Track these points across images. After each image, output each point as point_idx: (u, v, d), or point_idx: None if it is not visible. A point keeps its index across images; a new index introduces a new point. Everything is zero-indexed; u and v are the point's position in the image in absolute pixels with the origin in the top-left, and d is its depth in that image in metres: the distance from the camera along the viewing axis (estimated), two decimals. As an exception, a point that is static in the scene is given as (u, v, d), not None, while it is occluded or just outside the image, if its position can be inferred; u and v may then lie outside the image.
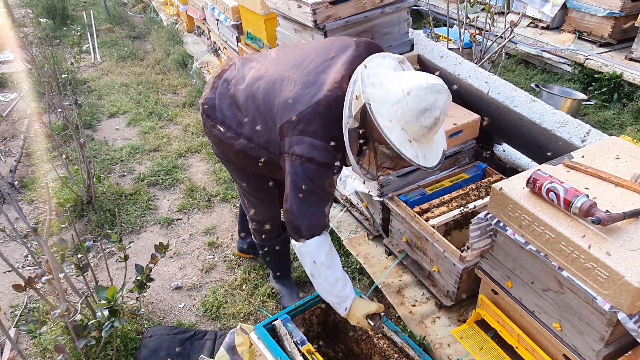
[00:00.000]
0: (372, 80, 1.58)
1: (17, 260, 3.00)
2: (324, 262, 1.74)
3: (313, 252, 1.73)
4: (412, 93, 1.52)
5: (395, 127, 1.55)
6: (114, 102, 4.97)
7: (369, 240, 2.82)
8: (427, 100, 1.52)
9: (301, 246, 1.75)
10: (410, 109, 1.52)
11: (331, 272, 1.76)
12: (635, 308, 1.39)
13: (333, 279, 1.78)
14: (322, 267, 1.75)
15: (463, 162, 2.74)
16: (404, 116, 1.54)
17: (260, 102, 1.79)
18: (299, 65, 1.78)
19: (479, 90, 2.72)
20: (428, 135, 1.60)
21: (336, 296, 1.80)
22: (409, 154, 1.58)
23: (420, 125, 1.54)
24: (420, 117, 1.53)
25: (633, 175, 1.69)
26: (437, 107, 1.53)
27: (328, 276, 1.77)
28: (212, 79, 2.00)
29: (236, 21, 4.34)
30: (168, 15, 7.17)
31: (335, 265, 1.78)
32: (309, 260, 1.75)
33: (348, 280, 1.83)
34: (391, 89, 1.57)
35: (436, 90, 1.53)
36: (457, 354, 2.11)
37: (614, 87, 4.34)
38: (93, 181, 3.30)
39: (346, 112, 1.62)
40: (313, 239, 1.72)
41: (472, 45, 4.04)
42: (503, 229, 1.76)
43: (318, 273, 1.77)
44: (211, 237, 3.11)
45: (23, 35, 4.63)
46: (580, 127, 2.29)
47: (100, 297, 1.90)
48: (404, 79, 1.58)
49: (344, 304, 1.81)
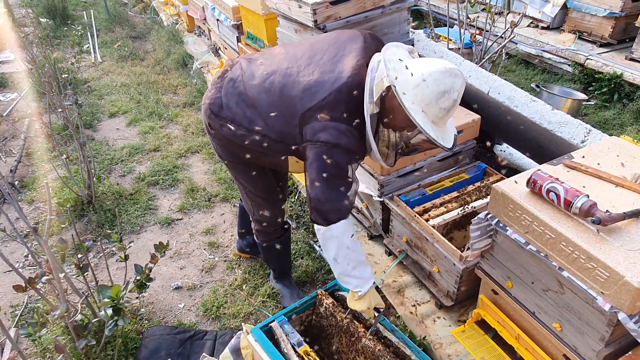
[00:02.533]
0: (393, 65, 1.66)
1: (18, 260, 3.01)
2: (350, 245, 1.77)
3: (340, 236, 1.76)
4: (432, 77, 1.61)
5: (417, 109, 1.63)
6: (114, 102, 4.98)
7: (369, 240, 2.82)
8: (446, 84, 1.61)
9: (327, 230, 1.76)
10: (431, 92, 1.61)
11: (355, 255, 1.80)
12: (635, 308, 1.39)
13: (357, 262, 1.81)
14: (347, 250, 1.78)
15: (463, 162, 2.74)
16: (424, 99, 1.62)
17: (277, 96, 1.81)
18: (313, 57, 1.83)
19: (479, 90, 2.72)
20: (445, 117, 1.68)
21: (358, 278, 1.83)
22: (432, 134, 1.65)
23: (440, 107, 1.63)
24: (439, 100, 1.62)
25: (633, 175, 1.69)
26: (455, 90, 1.63)
27: (352, 259, 1.80)
28: (215, 80, 2.00)
29: (236, 21, 4.34)
30: (168, 16, 7.17)
31: (359, 249, 1.82)
32: (334, 244, 1.78)
33: (370, 266, 1.88)
34: (410, 73, 1.65)
35: (454, 74, 1.63)
36: (457, 354, 2.11)
37: (614, 87, 4.34)
38: (93, 181, 3.30)
39: (367, 98, 1.68)
40: (340, 222, 1.75)
41: (472, 45, 4.04)
42: (503, 229, 1.76)
43: (343, 256, 1.79)
44: (211, 237, 3.12)
45: (23, 35, 4.64)
46: (581, 127, 2.29)
47: (104, 295, 1.89)
48: (422, 64, 1.67)
49: (365, 286, 1.84)
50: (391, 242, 2.64)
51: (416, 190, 2.55)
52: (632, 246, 1.44)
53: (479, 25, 4.29)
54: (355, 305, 1.89)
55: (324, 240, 1.80)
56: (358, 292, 1.85)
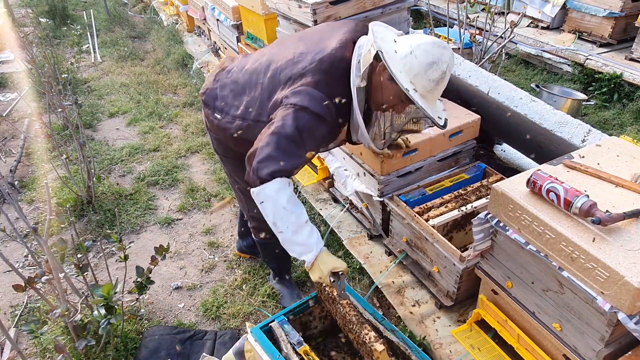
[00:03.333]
0: (381, 36, 1.66)
1: (17, 260, 3.01)
2: (286, 206, 1.62)
3: (274, 196, 1.61)
4: (420, 47, 1.61)
5: (405, 79, 1.62)
6: (114, 102, 4.98)
7: (368, 240, 2.83)
8: (435, 54, 1.60)
9: (260, 190, 1.62)
10: (419, 62, 1.60)
11: (295, 217, 1.65)
12: (635, 308, 1.39)
13: (297, 226, 1.66)
14: (284, 211, 1.62)
15: (463, 162, 2.74)
16: (413, 69, 1.61)
17: (262, 73, 1.83)
18: (302, 38, 1.87)
19: (479, 90, 2.72)
20: (434, 91, 1.65)
21: (301, 245, 1.69)
22: (423, 105, 1.63)
23: (429, 78, 1.61)
24: (428, 70, 1.60)
25: (633, 175, 1.69)
26: (444, 61, 1.61)
27: (291, 222, 1.64)
28: (215, 72, 2.07)
29: (236, 21, 4.35)
30: (168, 15, 7.17)
31: (299, 212, 1.67)
32: (270, 206, 1.63)
33: (315, 230, 1.72)
34: (399, 44, 1.65)
35: (442, 46, 1.62)
36: (457, 354, 2.11)
37: (614, 87, 4.34)
38: (93, 181, 3.30)
39: (354, 71, 1.67)
40: (274, 180, 1.60)
41: (472, 46, 4.04)
42: (503, 229, 1.76)
43: (280, 219, 1.64)
44: (211, 237, 3.11)
45: (23, 35, 4.64)
46: (581, 127, 2.29)
47: (95, 294, 1.89)
48: (410, 37, 1.69)
49: (310, 254, 1.70)
50: (391, 242, 2.64)
51: (416, 190, 2.55)
52: (632, 246, 1.44)
53: (479, 25, 4.29)
54: (311, 273, 1.75)
55: (259, 203, 1.65)
56: (303, 261, 1.72)
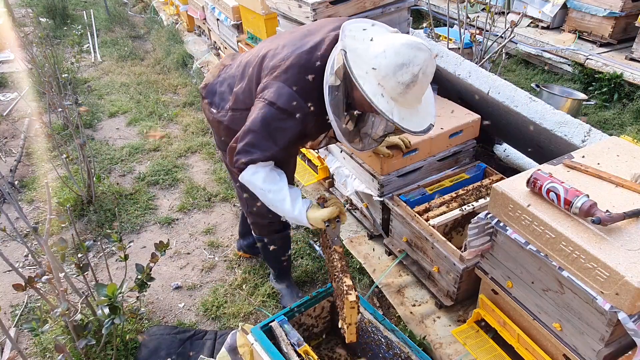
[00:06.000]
0: (354, 34, 1.62)
1: (18, 260, 3.00)
2: (263, 186, 1.77)
3: (251, 181, 1.78)
4: (393, 48, 1.54)
5: (371, 80, 1.56)
6: (114, 101, 4.98)
7: (368, 240, 2.82)
8: (405, 56, 1.52)
9: (240, 178, 1.80)
10: (388, 63, 1.53)
11: (273, 195, 1.79)
12: (635, 308, 1.39)
13: (278, 201, 1.81)
14: (262, 192, 1.79)
15: (463, 162, 2.74)
16: (381, 70, 1.55)
17: (254, 63, 1.87)
18: (294, 32, 1.91)
19: (479, 90, 2.72)
20: (406, 95, 1.57)
21: (291, 217, 1.84)
22: (381, 106, 1.55)
23: (397, 81, 1.53)
24: (397, 72, 1.53)
25: (633, 175, 1.69)
26: (416, 64, 1.52)
27: (274, 199, 1.80)
28: (217, 68, 2.12)
29: (236, 21, 4.35)
30: (168, 15, 7.17)
31: (276, 188, 1.79)
32: (252, 189, 1.82)
33: (296, 195, 1.82)
34: (375, 43, 1.60)
35: (416, 47, 1.53)
36: (457, 354, 2.11)
37: (615, 87, 4.34)
38: (93, 181, 3.30)
39: (328, 69, 1.66)
40: (247, 168, 1.75)
41: (472, 45, 4.04)
42: (503, 229, 1.76)
43: (263, 197, 1.82)
44: (211, 236, 3.11)
45: (23, 35, 4.64)
46: (581, 127, 2.29)
47: (100, 294, 1.90)
48: (389, 37, 1.62)
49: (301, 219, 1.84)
50: (391, 242, 2.64)
51: (416, 190, 2.55)
52: (632, 246, 1.44)
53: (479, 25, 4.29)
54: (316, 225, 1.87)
55: (248, 187, 1.83)
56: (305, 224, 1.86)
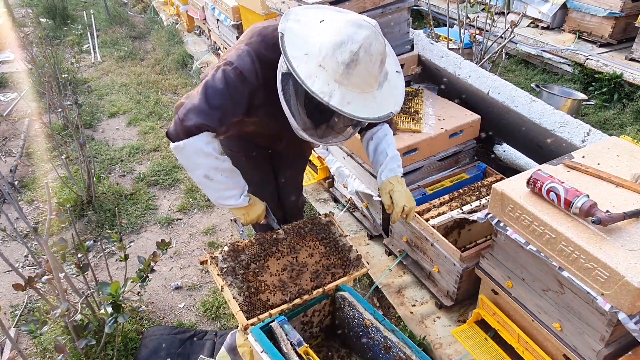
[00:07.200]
0: (300, 18, 1.55)
1: (18, 260, 3.00)
2: (218, 155, 1.65)
3: (204, 147, 1.60)
4: (333, 28, 1.46)
5: (310, 62, 1.46)
6: (114, 102, 4.98)
7: (369, 240, 2.82)
8: (344, 33, 1.42)
9: (187, 144, 1.59)
10: (328, 42, 1.44)
11: (228, 164, 1.70)
12: (635, 308, 1.39)
13: (230, 171, 1.71)
14: (217, 161, 1.65)
15: (463, 162, 2.74)
16: (322, 51, 1.45)
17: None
18: None
19: (479, 90, 2.72)
20: (350, 77, 1.43)
21: (237, 188, 1.75)
22: (314, 88, 1.42)
23: (337, 60, 1.42)
24: (336, 51, 1.42)
25: (633, 175, 1.69)
26: (355, 41, 1.41)
27: (225, 169, 1.69)
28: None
29: (236, 21, 4.34)
30: (168, 15, 7.17)
31: (226, 158, 1.70)
32: (202, 159, 1.62)
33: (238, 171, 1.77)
34: (322, 25, 1.52)
35: (357, 25, 1.44)
36: (457, 354, 2.11)
37: (614, 87, 4.34)
38: (93, 181, 3.30)
39: (283, 56, 1.55)
40: (202, 134, 1.59)
41: (472, 45, 4.04)
42: (503, 229, 1.76)
43: (215, 169, 1.66)
44: (211, 237, 3.11)
45: (23, 35, 4.64)
46: (581, 127, 2.29)
47: (103, 292, 1.90)
48: (334, 16, 1.55)
49: (245, 191, 1.76)
50: (391, 242, 2.64)
51: (416, 190, 2.55)
52: (632, 246, 1.44)
53: (479, 25, 4.29)
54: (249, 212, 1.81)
55: (187, 157, 1.63)
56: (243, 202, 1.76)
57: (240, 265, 1.77)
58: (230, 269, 1.75)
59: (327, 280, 1.80)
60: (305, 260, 1.83)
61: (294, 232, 1.89)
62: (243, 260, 1.78)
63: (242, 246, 1.80)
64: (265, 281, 1.76)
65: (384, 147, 1.90)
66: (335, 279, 1.80)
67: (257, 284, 1.75)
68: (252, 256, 1.80)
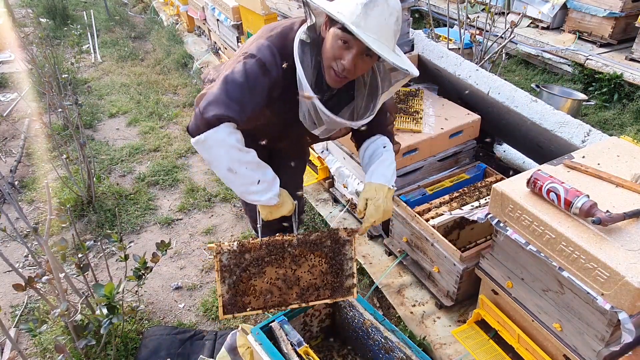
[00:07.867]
0: None
1: (18, 260, 3.00)
2: (240, 147, 1.57)
3: (225, 139, 1.54)
4: None
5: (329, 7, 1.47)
6: (114, 102, 4.98)
7: (369, 240, 2.82)
8: None
9: (208, 136, 1.53)
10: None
11: (251, 156, 1.61)
12: (635, 308, 1.39)
13: (255, 164, 1.62)
14: (239, 152, 1.57)
15: (463, 162, 2.74)
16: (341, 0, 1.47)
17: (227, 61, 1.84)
18: None
19: (479, 90, 2.72)
20: (367, 17, 1.44)
21: (264, 182, 1.65)
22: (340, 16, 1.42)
23: (356, 2, 1.44)
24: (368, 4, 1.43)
25: (633, 175, 1.69)
26: None
27: (249, 161, 1.60)
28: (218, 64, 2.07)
29: (236, 21, 4.35)
30: (168, 16, 7.18)
31: (252, 151, 1.62)
32: (224, 151, 1.55)
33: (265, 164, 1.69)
34: None
35: None
36: (457, 354, 2.11)
37: (614, 87, 4.34)
38: (93, 181, 3.30)
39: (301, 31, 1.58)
40: (222, 125, 1.53)
41: (472, 46, 4.04)
42: (503, 229, 1.76)
43: (238, 160, 1.58)
44: (211, 237, 3.11)
45: (23, 35, 4.64)
46: (581, 128, 2.29)
47: (98, 294, 1.90)
48: None
49: (275, 187, 1.68)
50: (391, 242, 2.64)
51: (416, 190, 2.55)
52: (632, 246, 1.44)
53: (479, 26, 4.29)
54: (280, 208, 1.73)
55: (209, 150, 1.56)
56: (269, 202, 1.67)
57: (240, 266, 1.78)
58: (229, 267, 1.77)
59: (310, 299, 1.81)
60: (301, 275, 1.82)
61: (306, 245, 1.82)
62: (245, 261, 1.79)
63: (249, 246, 1.79)
64: (255, 285, 1.79)
65: (382, 152, 1.81)
66: (318, 299, 1.82)
67: (246, 287, 1.78)
68: (255, 259, 1.80)
